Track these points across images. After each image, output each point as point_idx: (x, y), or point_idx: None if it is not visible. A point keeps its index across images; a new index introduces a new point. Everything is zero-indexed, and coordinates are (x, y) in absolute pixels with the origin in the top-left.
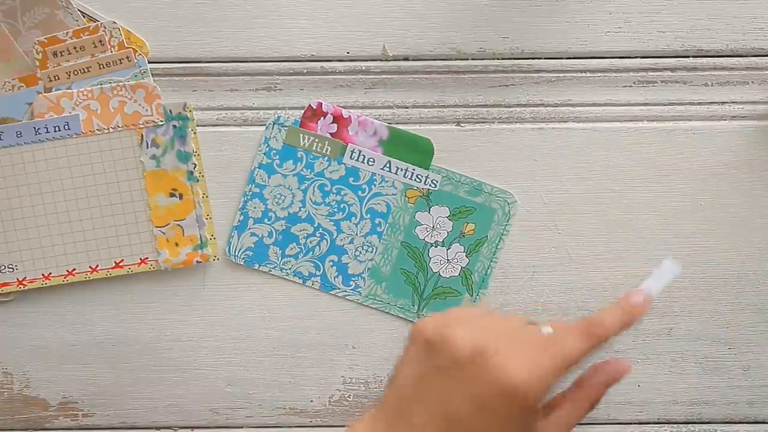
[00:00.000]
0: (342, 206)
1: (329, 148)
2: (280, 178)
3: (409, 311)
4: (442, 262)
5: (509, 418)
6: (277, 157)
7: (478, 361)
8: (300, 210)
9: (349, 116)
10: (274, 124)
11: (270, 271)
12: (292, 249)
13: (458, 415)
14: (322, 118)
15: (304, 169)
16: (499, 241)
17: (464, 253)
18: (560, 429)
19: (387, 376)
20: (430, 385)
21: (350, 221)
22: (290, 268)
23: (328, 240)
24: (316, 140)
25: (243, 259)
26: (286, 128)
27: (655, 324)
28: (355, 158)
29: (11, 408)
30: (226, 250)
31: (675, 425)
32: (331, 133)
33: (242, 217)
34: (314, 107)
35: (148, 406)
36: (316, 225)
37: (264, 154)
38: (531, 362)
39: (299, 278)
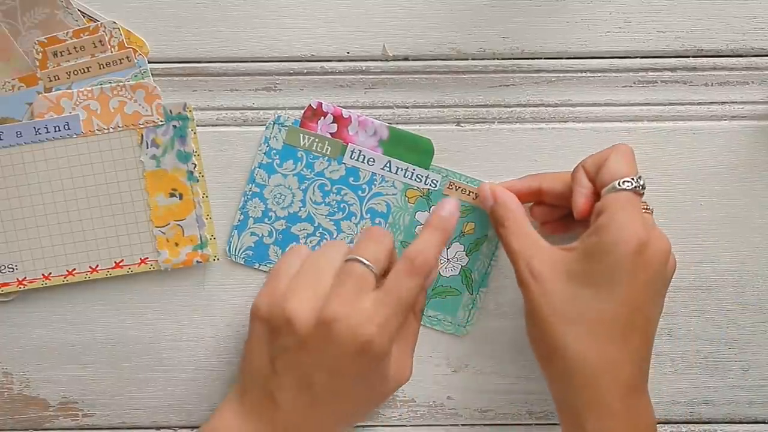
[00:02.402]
0: (342, 206)
1: (329, 148)
2: (280, 177)
3: None
4: (442, 261)
5: (366, 371)
6: (277, 156)
7: (323, 331)
8: (300, 210)
9: (350, 116)
10: (274, 123)
11: (270, 270)
12: None
13: (318, 384)
14: (323, 117)
15: (305, 169)
16: (498, 241)
17: (464, 252)
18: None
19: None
20: (284, 364)
21: (350, 221)
22: None
23: (328, 239)
24: (317, 140)
25: (243, 258)
26: (287, 128)
27: None
28: (356, 158)
29: (11, 408)
30: (226, 249)
31: (675, 425)
32: (331, 133)
33: (242, 216)
34: (314, 107)
35: (148, 406)
36: (316, 225)
37: (264, 153)
38: (374, 319)
39: None
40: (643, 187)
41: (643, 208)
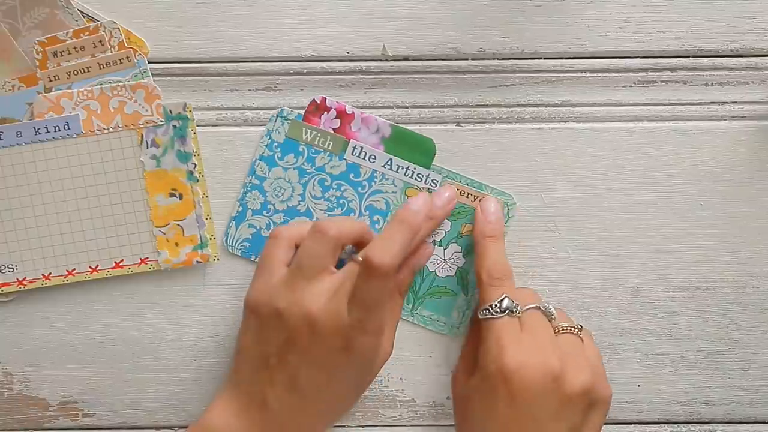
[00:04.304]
0: (341, 202)
1: (331, 143)
2: (280, 170)
3: (403, 309)
4: (438, 262)
5: (356, 365)
6: (279, 150)
7: (311, 328)
8: (299, 204)
9: (353, 112)
10: (277, 117)
11: (259, 258)
12: None
13: (306, 382)
14: (326, 113)
15: (305, 163)
16: None
17: (461, 253)
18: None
19: (387, 374)
20: (279, 362)
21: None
22: None
23: None
24: (319, 135)
25: (240, 249)
26: (289, 122)
27: (655, 324)
28: (357, 154)
29: (11, 408)
30: (224, 239)
31: (675, 425)
32: (333, 129)
33: (241, 208)
34: (318, 101)
35: (148, 406)
36: (314, 219)
37: (266, 146)
38: (371, 318)
39: None
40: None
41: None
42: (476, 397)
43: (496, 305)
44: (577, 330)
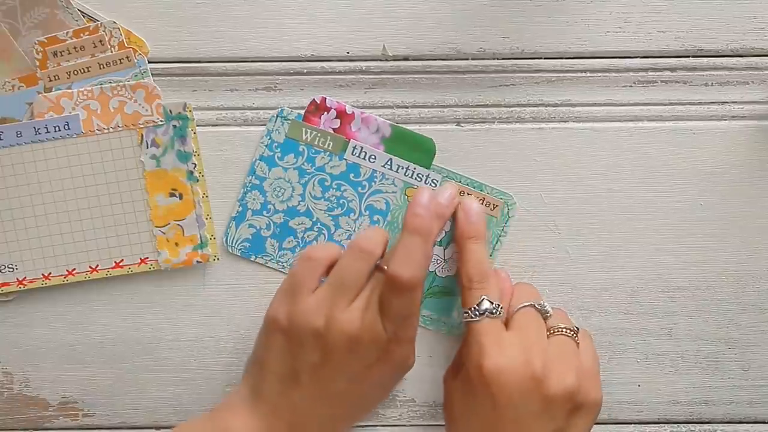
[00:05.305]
0: (341, 202)
1: (331, 143)
2: (280, 171)
3: None
4: (438, 261)
5: (388, 377)
6: (279, 150)
7: (349, 346)
8: (299, 204)
9: (353, 112)
10: (277, 117)
11: (266, 263)
12: (289, 242)
13: (340, 393)
14: (326, 113)
15: (305, 163)
16: (496, 243)
17: None
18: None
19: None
20: (310, 377)
21: (348, 217)
22: (287, 261)
23: (326, 235)
24: (319, 135)
25: (239, 250)
26: (289, 122)
27: (655, 324)
28: (357, 154)
29: (11, 408)
30: (224, 239)
31: (675, 425)
32: (333, 129)
33: (241, 208)
34: (318, 101)
35: (148, 406)
36: (314, 219)
37: (266, 146)
38: (406, 329)
39: None
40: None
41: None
42: (459, 397)
43: (475, 308)
44: (572, 332)
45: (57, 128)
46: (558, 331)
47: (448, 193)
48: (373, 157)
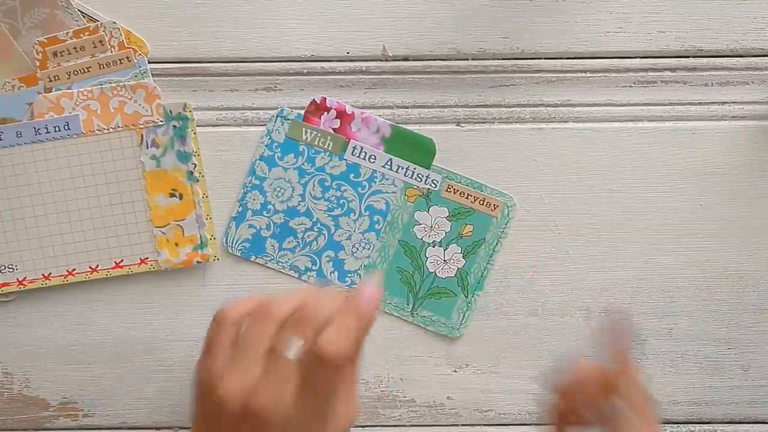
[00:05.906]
0: (341, 202)
1: (331, 144)
2: (280, 171)
3: (403, 310)
4: (438, 263)
5: None
6: (279, 150)
7: (253, 420)
8: (299, 204)
9: (353, 112)
10: (277, 117)
11: (266, 263)
12: (289, 242)
13: None
14: (326, 113)
15: (305, 164)
16: (496, 244)
17: (461, 254)
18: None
19: (387, 374)
20: None
21: (348, 217)
22: (287, 262)
23: (326, 235)
24: (319, 135)
25: (240, 250)
26: (289, 122)
27: (655, 324)
28: (357, 155)
29: (11, 408)
30: (224, 240)
31: (675, 425)
32: (333, 129)
33: (241, 208)
34: (318, 102)
35: (148, 406)
36: (314, 219)
37: (266, 146)
38: (324, 406)
39: (295, 272)
40: None
41: None
42: None
43: None
44: None
45: (57, 128)
46: None
47: (368, 292)
48: (373, 157)
